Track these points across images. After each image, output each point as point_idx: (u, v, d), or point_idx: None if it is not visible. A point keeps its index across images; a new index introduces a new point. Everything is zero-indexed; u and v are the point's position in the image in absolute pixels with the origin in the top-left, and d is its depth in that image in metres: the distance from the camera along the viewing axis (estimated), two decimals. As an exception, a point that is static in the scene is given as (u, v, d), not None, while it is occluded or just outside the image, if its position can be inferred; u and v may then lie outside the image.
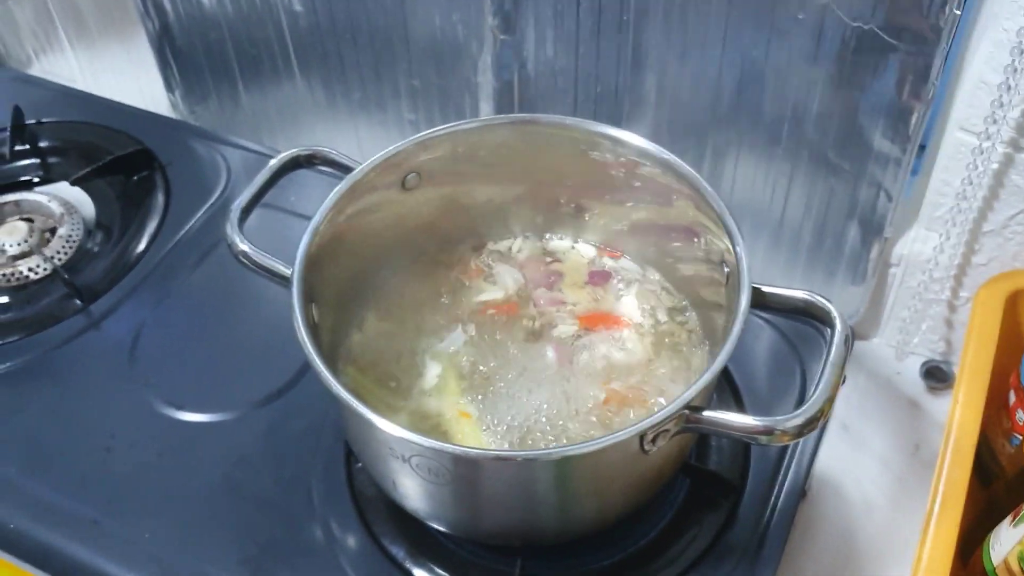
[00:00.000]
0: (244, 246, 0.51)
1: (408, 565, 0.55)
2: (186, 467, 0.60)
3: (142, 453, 0.60)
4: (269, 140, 0.88)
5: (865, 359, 0.78)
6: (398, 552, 0.55)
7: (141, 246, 0.73)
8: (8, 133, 0.80)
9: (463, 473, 0.45)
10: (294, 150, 0.56)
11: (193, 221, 0.74)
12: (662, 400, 0.54)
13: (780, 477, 0.58)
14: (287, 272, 0.50)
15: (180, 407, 0.63)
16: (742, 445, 0.58)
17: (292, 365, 0.64)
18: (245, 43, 0.84)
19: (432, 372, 0.55)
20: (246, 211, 0.53)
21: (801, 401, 0.58)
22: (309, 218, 0.51)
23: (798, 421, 0.43)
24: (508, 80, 0.75)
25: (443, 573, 0.54)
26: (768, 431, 0.43)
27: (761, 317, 0.65)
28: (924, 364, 0.75)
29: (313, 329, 0.48)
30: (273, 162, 0.55)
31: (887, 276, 0.74)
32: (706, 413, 0.44)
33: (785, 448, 0.59)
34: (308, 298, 0.49)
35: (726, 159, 0.71)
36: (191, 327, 0.68)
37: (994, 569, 0.52)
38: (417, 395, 0.54)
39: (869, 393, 0.76)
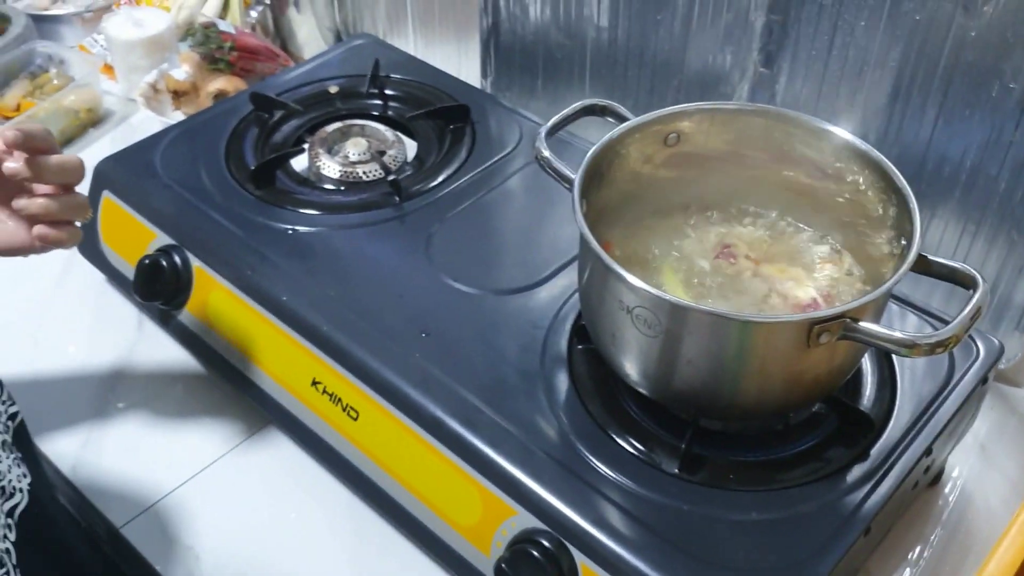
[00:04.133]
0: (547, 153, 0.71)
1: (601, 423, 0.71)
2: (454, 319, 0.80)
3: (423, 304, 0.81)
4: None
5: (1018, 404, 0.88)
6: (595, 410, 0.72)
7: (447, 173, 0.95)
8: (368, 78, 1.06)
9: (671, 326, 0.62)
10: (592, 100, 0.76)
11: (490, 163, 0.96)
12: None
13: (912, 433, 0.70)
14: (572, 176, 0.69)
15: (455, 279, 0.83)
16: (888, 397, 0.72)
17: (544, 268, 0.83)
18: (553, 47, 1.06)
19: (663, 275, 0.72)
20: (551, 131, 0.73)
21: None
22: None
23: (933, 340, 0.57)
24: (759, 104, 0.92)
25: (628, 436, 0.71)
26: (910, 344, 0.57)
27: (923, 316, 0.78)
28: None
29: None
30: (576, 104, 0.75)
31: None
32: (864, 323, 0.59)
33: (921, 416, 0.71)
34: (583, 195, 0.68)
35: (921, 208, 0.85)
36: (473, 231, 0.89)
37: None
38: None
39: (1014, 431, 0.86)
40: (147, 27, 1.24)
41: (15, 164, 0.65)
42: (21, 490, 0.64)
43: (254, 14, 1.27)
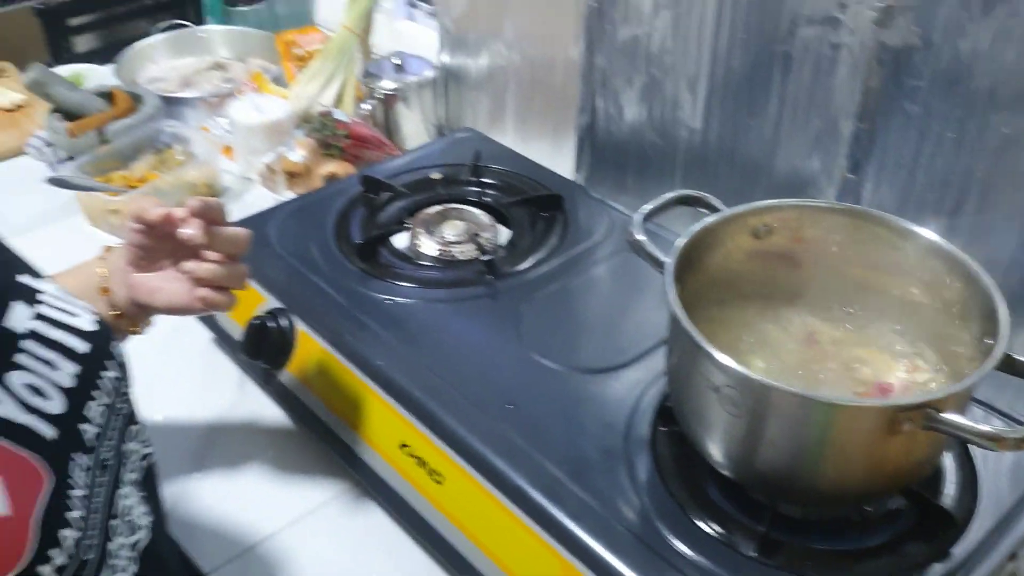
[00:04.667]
0: (641, 237, 0.75)
1: (682, 503, 0.73)
2: (541, 394, 0.83)
3: (511, 377, 0.85)
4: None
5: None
6: (676, 491, 0.74)
7: (538, 257, 1.00)
8: (468, 167, 1.12)
9: (755, 406, 0.64)
10: (687, 191, 0.80)
11: (579, 249, 1.01)
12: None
13: (997, 535, 0.70)
14: (665, 259, 0.73)
15: (543, 356, 0.87)
16: (970, 496, 0.72)
17: (629, 352, 0.86)
18: (646, 145, 1.12)
19: (749, 360, 0.74)
20: (647, 217, 0.77)
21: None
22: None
23: (1018, 435, 0.58)
24: (844, 208, 0.95)
25: (708, 517, 0.72)
26: (995, 437, 0.59)
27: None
28: None
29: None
30: (669, 194, 0.79)
31: None
32: (947, 415, 0.60)
33: (1006, 517, 0.71)
34: (676, 279, 0.71)
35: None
36: (561, 312, 0.93)
37: None
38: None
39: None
40: (267, 113, 1.34)
41: (193, 230, 0.72)
42: (144, 527, 0.68)
43: (366, 107, 1.36)
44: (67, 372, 0.62)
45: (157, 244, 0.76)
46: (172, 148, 1.36)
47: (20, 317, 0.61)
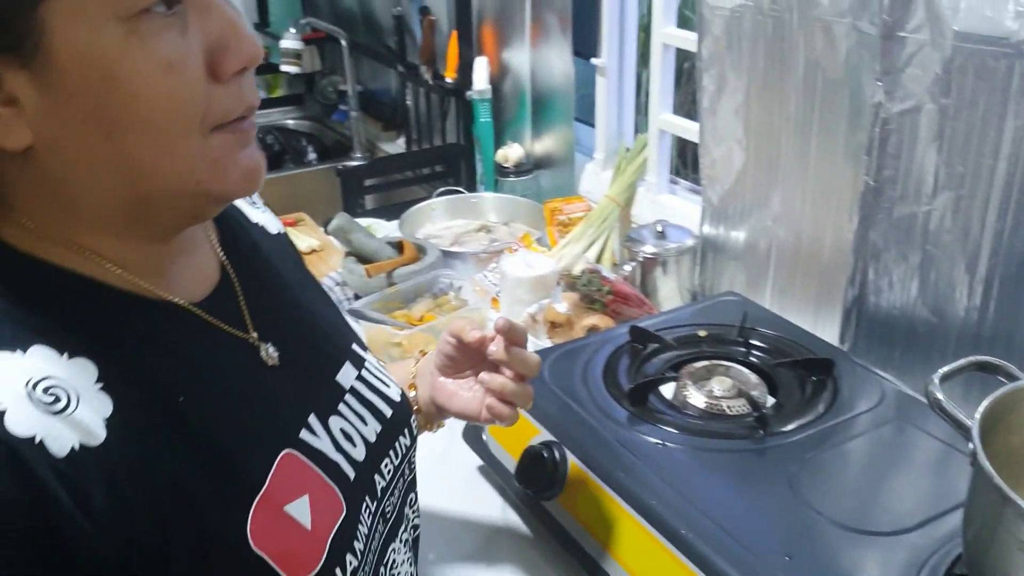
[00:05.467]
0: (940, 396, 0.76)
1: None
2: (820, 550, 0.82)
3: (786, 529, 0.85)
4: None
5: None
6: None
7: (808, 418, 1.01)
8: (736, 327, 1.16)
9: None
10: (986, 357, 0.80)
11: (851, 415, 1.01)
12: None
13: None
14: (967, 422, 0.73)
15: (820, 512, 0.86)
16: None
17: (911, 518, 0.84)
18: (917, 322, 1.12)
19: None
20: (943, 378, 0.78)
21: None
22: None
23: None
24: None
25: None
26: None
27: None
28: None
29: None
30: (969, 358, 0.80)
31: None
32: None
33: None
34: (983, 440, 0.71)
35: None
36: (836, 473, 0.93)
37: None
38: None
39: None
40: (535, 268, 1.46)
41: (496, 347, 0.83)
42: None
43: (627, 268, 1.45)
44: (373, 429, 0.73)
45: (464, 357, 0.87)
46: (447, 294, 1.49)
47: (348, 376, 0.75)
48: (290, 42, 2.19)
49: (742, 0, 1.23)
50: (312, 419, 0.67)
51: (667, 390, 1.09)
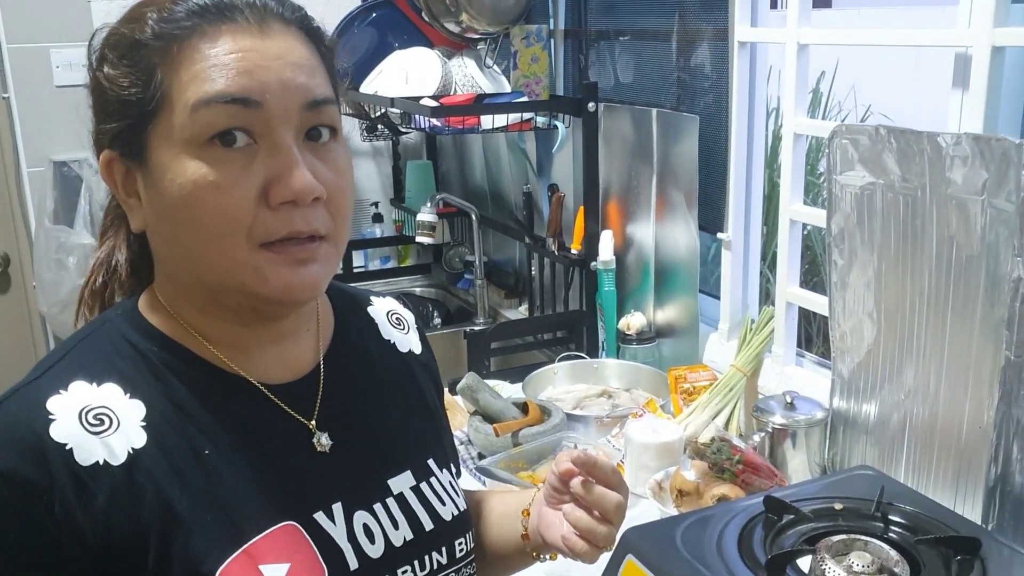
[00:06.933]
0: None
1: None
2: None
3: None
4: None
5: None
6: None
7: (956, 599, 0.97)
8: (874, 501, 1.14)
9: None
10: None
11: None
12: None
13: None
14: None
15: None
16: None
17: None
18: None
19: None
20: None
21: None
22: None
23: None
24: None
25: None
26: None
27: None
28: None
29: None
30: None
31: None
32: None
33: None
34: None
35: None
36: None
37: None
38: None
39: None
40: (661, 435, 1.46)
41: (575, 482, 0.84)
42: None
43: (756, 438, 1.44)
44: (403, 535, 0.78)
45: (566, 489, 0.87)
46: (572, 456, 1.50)
47: (402, 482, 0.81)
48: (426, 215, 2.33)
49: (872, 178, 1.27)
50: (336, 507, 0.75)
51: (804, 563, 1.07)
